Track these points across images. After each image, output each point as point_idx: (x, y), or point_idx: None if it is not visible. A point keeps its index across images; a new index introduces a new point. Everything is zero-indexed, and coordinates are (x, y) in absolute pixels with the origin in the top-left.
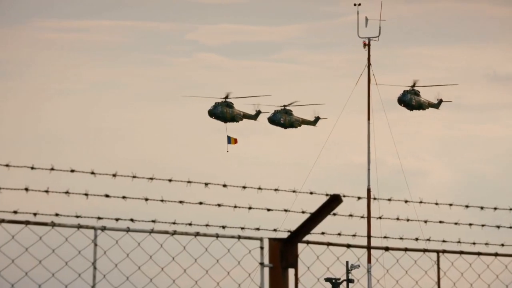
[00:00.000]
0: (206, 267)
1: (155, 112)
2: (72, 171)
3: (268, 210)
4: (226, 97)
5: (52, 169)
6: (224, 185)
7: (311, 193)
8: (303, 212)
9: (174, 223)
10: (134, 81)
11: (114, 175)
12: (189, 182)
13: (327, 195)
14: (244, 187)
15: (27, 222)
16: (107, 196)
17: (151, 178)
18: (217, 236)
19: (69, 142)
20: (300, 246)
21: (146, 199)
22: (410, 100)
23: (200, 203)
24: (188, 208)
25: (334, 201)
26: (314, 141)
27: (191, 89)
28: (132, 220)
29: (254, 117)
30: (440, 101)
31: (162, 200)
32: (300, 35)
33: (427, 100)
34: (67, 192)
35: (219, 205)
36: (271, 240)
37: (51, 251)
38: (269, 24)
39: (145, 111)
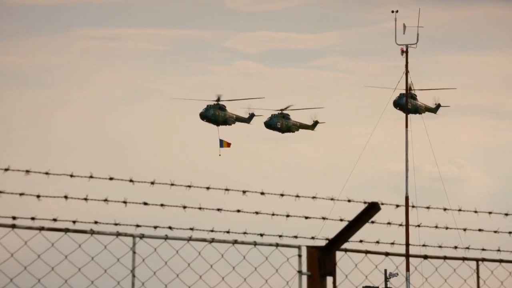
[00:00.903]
0: (244, 275)
1: (194, 120)
2: (111, 179)
3: (306, 218)
4: (218, 100)
5: (91, 177)
6: (262, 193)
7: (349, 200)
8: (341, 220)
9: (212, 230)
10: (173, 89)
11: (152, 183)
12: (227, 189)
13: (365, 203)
14: (282, 195)
15: (66, 230)
16: (145, 204)
17: (189, 186)
18: (255, 244)
19: (108, 150)
20: (338, 254)
21: (184, 207)
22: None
23: (238, 210)
24: (226, 216)
25: (372, 209)
26: (352, 148)
27: (230, 97)
28: (170, 228)
29: (247, 120)
30: (438, 106)
31: (200, 208)
32: (338, 42)
33: (424, 104)
34: (106, 200)
35: (257, 212)
36: (309, 248)
37: (90, 258)
38: (306, 32)
39: (184, 119)
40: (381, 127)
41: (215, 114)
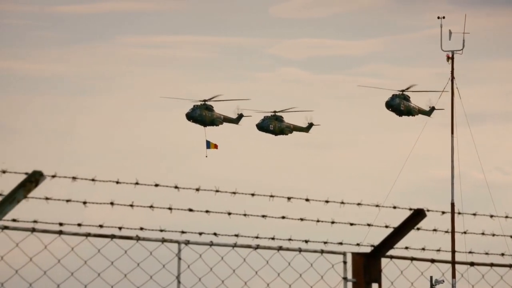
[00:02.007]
0: (289, 281)
1: (239, 127)
2: (157, 185)
3: (351, 224)
4: (205, 100)
5: (137, 183)
6: (307, 199)
7: (394, 207)
8: (386, 226)
9: (257, 237)
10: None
11: (197, 190)
12: (271, 196)
13: (410, 209)
14: (327, 201)
15: (112, 236)
16: (190, 210)
17: (234, 193)
18: (300, 250)
19: (153, 157)
20: (384, 260)
21: (229, 213)
22: (398, 105)
23: (283, 217)
24: (271, 222)
25: (418, 215)
26: (397, 154)
27: (274, 104)
28: (215, 234)
29: (236, 121)
30: (432, 109)
31: (245, 215)
32: (382, 48)
33: (418, 106)
34: (151, 207)
35: (301, 219)
36: (354, 255)
37: (136, 265)
38: (350, 38)
39: (229, 126)
40: (426, 133)
41: (202, 115)
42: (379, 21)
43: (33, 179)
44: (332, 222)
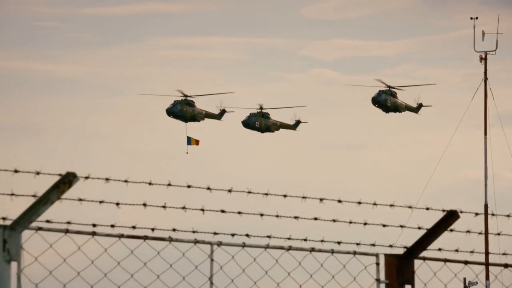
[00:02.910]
0: (322, 282)
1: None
2: (189, 186)
3: (384, 226)
4: (186, 95)
5: (169, 184)
6: (339, 201)
7: (427, 208)
8: (419, 228)
9: (289, 238)
10: (249, 98)
11: (229, 191)
12: (304, 197)
13: (443, 211)
14: (360, 203)
15: (145, 237)
16: (223, 211)
17: (266, 194)
18: (332, 251)
19: (185, 159)
20: (417, 262)
21: (262, 215)
22: (385, 101)
23: (315, 218)
24: (303, 224)
25: (451, 217)
26: (429, 155)
27: (306, 104)
28: (247, 235)
29: (218, 116)
30: (420, 105)
31: (277, 216)
32: (415, 49)
33: (405, 102)
34: (184, 208)
35: (334, 220)
36: (387, 256)
37: (169, 265)
38: (382, 39)
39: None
40: (459, 134)
41: (183, 110)
42: (411, 22)
43: (67, 180)
44: (365, 224)
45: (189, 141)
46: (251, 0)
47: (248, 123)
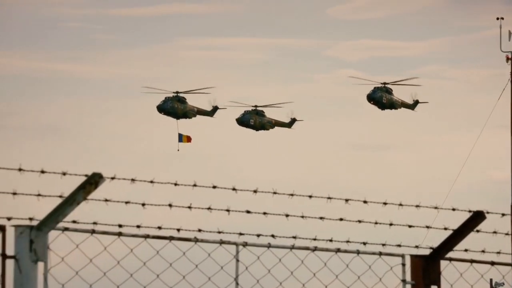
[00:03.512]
0: (347, 283)
1: (296, 129)
2: (214, 187)
3: (410, 226)
4: (177, 92)
5: (195, 185)
6: (365, 201)
7: (453, 209)
8: (445, 228)
9: (315, 239)
10: (274, 98)
11: (255, 191)
12: (329, 198)
13: (470, 211)
14: (385, 203)
15: (171, 238)
16: (248, 212)
17: (292, 194)
18: (358, 252)
19: (210, 159)
20: (443, 263)
21: (287, 215)
22: (380, 97)
23: (341, 219)
24: (328, 224)
25: (477, 217)
26: (456, 155)
27: (332, 104)
28: (273, 236)
29: (211, 113)
30: (416, 102)
31: (302, 216)
32: (442, 49)
33: (401, 99)
34: (209, 208)
35: (359, 221)
36: (413, 257)
37: (194, 266)
38: (409, 39)
39: (285, 128)
40: (485, 134)
41: (174, 107)
42: (438, 22)
43: (93, 181)
44: (390, 224)
45: (181, 138)
46: (277, 0)
47: (243, 121)
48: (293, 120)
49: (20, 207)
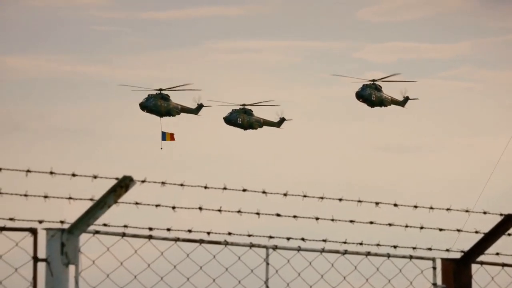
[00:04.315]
0: (378, 287)
1: (325, 131)
2: (244, 190)
3: (440, 230)
4: (161, 89)
5: (225, 188)
6: (395, 205)
7: (484, 212)
8: (476, 232)
9: (345, 242)
10: (303, 100)
11: (285, 195)
12: (359, 201)
13: (501, 214)
14: (416, 207)
15: (201, 241)
16: (278, 215)
17: (322, 198)
18: (388, 256)
19: (241, 162)
20: (474, 266)
21: (317, 218)
22: (369, 95)
23: (371, 222)
24: (359, 227)
25: (508, 221)
26: (487, 158)
27: (361, 107)
28: (303, 239)
29: (195, 111)
30: (406, 99)
31: (332, 219)
32: (471, 51)
33: (390, 96)
34: (239, 211)
35: (390, 224)
36: (444, 260)
37: (224, 269)
38: (438, 42)
39: (315, 130)
40: None
41: (157, 104)
42: (467, 24)
43: (123, 184)
44: (421, 228)
45: (164, 136)
46: (306, 3)
47: (230, 120)
48: (282, 120)
49: (52, 210)
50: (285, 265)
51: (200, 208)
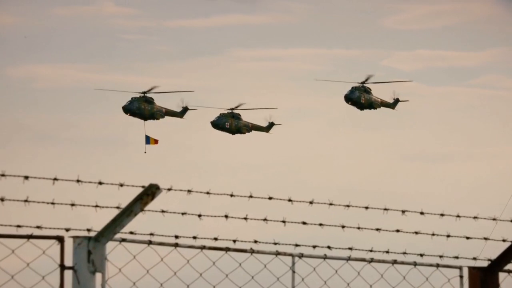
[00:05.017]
0: None
1: (351, 139)
2: (270, 198)
3: (467, 238)
4: (145, 92)
5: (251, 196)
6: (422, 213)
7: (511, 221)
8: (503, 240)
9: (371, 250)
10: (330, 108)
11: (311, 203)
12: (385, 209)
13: None
14: (442, 215)
15: (227, 249)
16: (304, 223)
17: (348, 206)
18: (415, 264)
19: (266, 170)
20: (501, 275)
21: (343, 226)
22: (358, 98)
23: (397, 230)
24: (385, 236)
25: None
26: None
27: (388, 115)
28: (329, 247)
29: (180, 114)
30: (397, 101)
31: (358, 228)
32: (499, 59)
33: (380, 98)
34: (265, 219)
35: (416, 232)
36: (471, 269)
37: (250, 277)
38: (466, 49)
39: (341, 138)
40: None
41: (140, 108)
42: (495, 31)
43: (150, 192)
44: (448, 236)
45: (148, 140)
46: (333, 11)
47: (218, 124)
48: (271, 124)
49: (78, 218)
50: (311, 273)
51: (226, 216)
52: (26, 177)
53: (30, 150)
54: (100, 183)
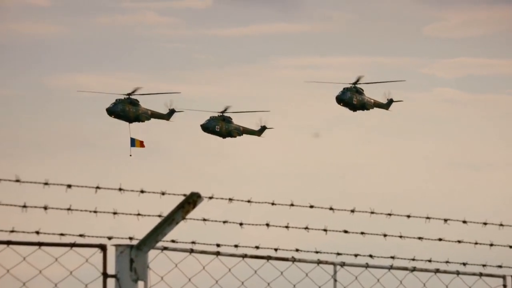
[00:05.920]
0: None
1: (394, 148)
2: (311, 206)
3: (511, 247)
4: (130, 94)
5: (292, 204)
6: (464, 221)
7: None
8: None
9: (413, 259)
10: (372, 117)
11: (352, 211)
12: (428, 218)
13: None
14: (485, 223)
15: (268, 257)
16: (345, 232)
17: (390, 214)
18: (457, 273)
19: (308, 178)
20: None
21: (385, 235)
22: (350, 99)
23: (440, 239)
24: (427, 244)
25: None
26: None
27: (430, 123)
28: (371, 256)
29: (167, 116)
30: (390, 101)
31: (400, 236)
32: None
33: (373, 99)
34: (306, 228)
35: (459, 241)
36: None
37: (292, 286)
38: (507, 57)
39: (383, 146)
40: None
41: (125, 110)
42: None
43: (191, 200)
44: (491, 245)
45: (133, 143)
46: (373, 19)
47: (208, 127)
48: (263, 128)
49: (120, 226)
50: (353, 281)
51: (268, 225)
52: (69, 186)
53: (73, 159)
54: (142, 191)
